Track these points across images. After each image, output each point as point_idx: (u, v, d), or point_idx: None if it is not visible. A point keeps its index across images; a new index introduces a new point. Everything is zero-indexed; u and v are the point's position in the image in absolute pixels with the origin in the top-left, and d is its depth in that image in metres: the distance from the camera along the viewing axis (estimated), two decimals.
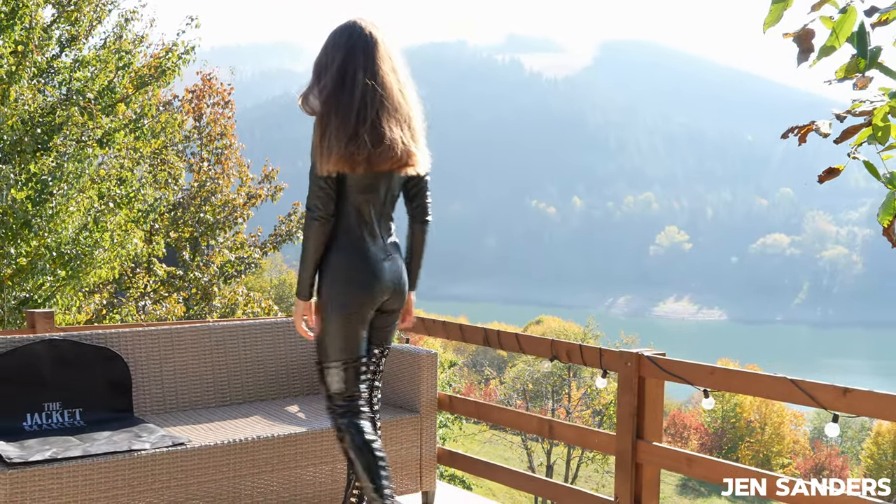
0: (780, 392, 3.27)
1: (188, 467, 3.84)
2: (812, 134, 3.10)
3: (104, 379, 4.19)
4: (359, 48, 3.24)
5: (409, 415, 4.49)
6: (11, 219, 7.53)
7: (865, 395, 3.03)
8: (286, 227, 16.25)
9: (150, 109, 9.53)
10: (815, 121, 3.92)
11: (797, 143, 4.16)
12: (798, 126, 4.06)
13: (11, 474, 3.45)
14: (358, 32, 3.27)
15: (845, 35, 3.48)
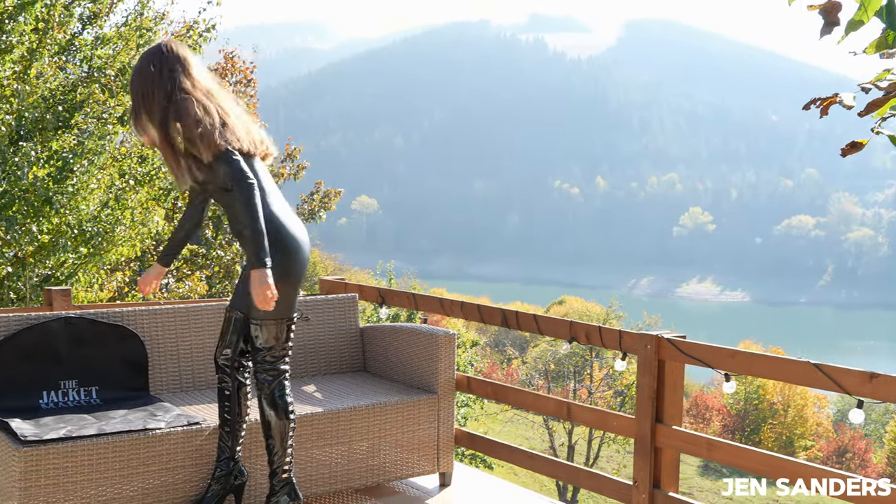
0: (803, 377, 3.20)
1: (203, 447, 3.83)
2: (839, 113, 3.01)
3: (120, 358, 4.18)
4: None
5: (426, 396, 4.46)
6: (33, 196, 7.54)
7: (893, 381, 2.96)
8: (309, 205, 16.24)
9: None
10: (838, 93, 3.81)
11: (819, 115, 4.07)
12: (821, 98, 3.96)
13: (26, 452, 3.45)
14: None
15: (874, 8, 3.38)
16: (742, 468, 3.40)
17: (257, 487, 3.98)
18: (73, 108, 8.18)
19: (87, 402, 4.01)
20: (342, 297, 4.96)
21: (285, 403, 3.65)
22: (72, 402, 3.99)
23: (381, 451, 4.33)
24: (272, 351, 3.65)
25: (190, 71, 3.63)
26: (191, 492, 3.83)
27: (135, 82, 3.61)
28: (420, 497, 4.45)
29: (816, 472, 3.23)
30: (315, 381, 4.67)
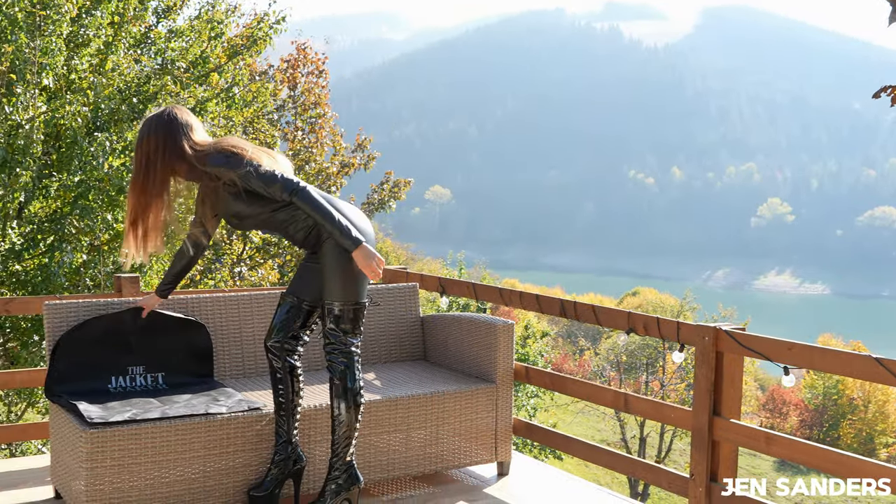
0: (863, 370, 3.13)
1: (263, 431, 3.90)
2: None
3: (187, 347, 4.27)
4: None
5: (484, 385, 4.47)
6: (108, 186, 7.74)
7: None
8: (379, 195, 16.36)
9: (241, 79, 9.67)
10: None
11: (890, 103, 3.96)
12: (891, 86, 3.85)
13: (92, 433, 3.55)
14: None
15: None
16: (799, 462, 3.34)
17: (316, 473, 4.04)
18: (147, 99, 8.37)
19: (153, 387, 4.12)
20: (403, 286, 5.00)
21: (356, 390, 3.72)
22: (139, 387, 4.10)
23: (439, 440, 4.36)
24: (348, 334, 3.71)
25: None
26: (251, 475, 3.91)
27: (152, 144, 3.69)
28: (477, 486, 4.47)
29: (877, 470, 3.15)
30: (375, 369, 4.71)
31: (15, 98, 7.23)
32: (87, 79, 8.15)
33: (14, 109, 7.20)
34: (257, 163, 3.60)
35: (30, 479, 4.48)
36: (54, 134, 8.01)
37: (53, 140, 8.09)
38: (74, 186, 7.79)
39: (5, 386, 5.25)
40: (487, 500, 4.28)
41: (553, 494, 4.41)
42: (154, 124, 3.68)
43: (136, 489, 3.66)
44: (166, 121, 3.68)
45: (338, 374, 3.71)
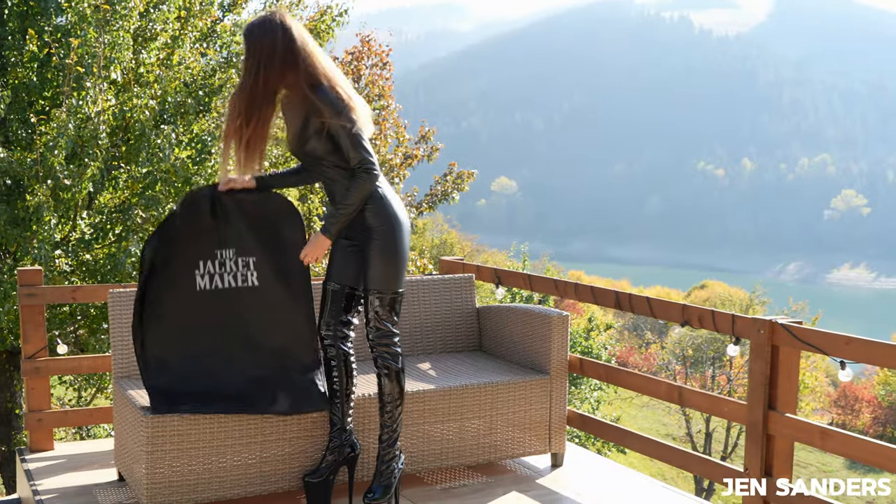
0: None
1: (316, 419, 3.96)
2: None
3: (278, 233, 3.90)
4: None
5: (539, 376, 4.47)
6: (174, 177, 7.90)
7: None
8: (442, 187, 16.39)
9: None
10: None
11: None
12: None
13: (153, 419, 3.65)
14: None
15: None
16: (855, 458, 3.29)
17: (371, 461, 4.09)
18: (212, 92, 8.51)
19: (242, 281, 3.85)
20: (459, 277, 5.02)
21: (403, 380, 3.80)
22: (228, 273, 3.83)
23: (493, 430, 4.38)
24: (389, 324, 3.74)
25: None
26: (306, 461, 3.97)
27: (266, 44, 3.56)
28: (531, 476, 4.48)
29: None
30: (430, 359, 4.75)
31: (84, 91, 7.41)
32: (154, 73, 8.32)
33: (83, 103, 7.39)
34: (356, 122, 3.56)
35: (96, 461, 4.61)
36: (122, 126, 8.20)
37: (122, 132, 8.28)
38: (142, 178, 7.97)
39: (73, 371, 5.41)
40: (540, 490, 4.29)
41: (605, 486, 4.40)
42: (270, 27, 3.57)
43: (195, 473, 3.75)
44: (283, 28, 3.57)
45: (391, 369, 3.77)
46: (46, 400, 4.75)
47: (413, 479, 4.32)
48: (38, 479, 4.35)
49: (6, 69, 8.07)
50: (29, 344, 4.65)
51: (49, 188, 7.23)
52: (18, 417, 9.10)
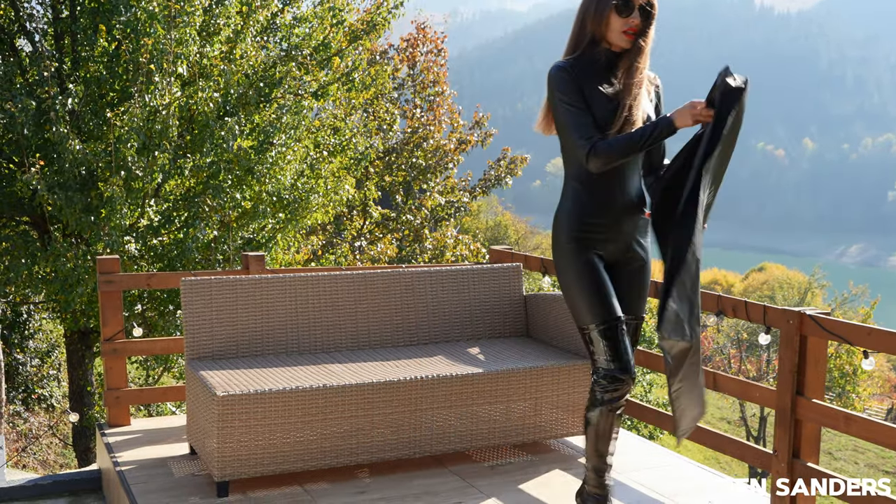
0: None
1: (375, 399, 4.26)
2: None
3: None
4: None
5: (581, 361, 4.72)
6: (237, 166, 8.27)
7: None
8: (495, 171, 16.64)
9: (360, 63, 10.08)
10: None
11: None
12: None
13: (223, 397, 3.98)
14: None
15: None
16: (877, 443, 3.49)
17: None
18: (273, 84, 8.85)
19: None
20: (507, 266, 5.28)
21: (589, 415, 3.49)
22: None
23: (538, 411, 4.64)
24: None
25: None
26: (363, 439, 4.27)
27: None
28: (574, 455, 4.74)
29: None
30: (480, 345, 5.02)
31: (153, 86, 7.79)
32: (217, 66, 8.68)
33: (152, 97, 7.77)
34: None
35: (169, 436, 4.99)
36: (188, 118, 8.58)
37: (187, 123, 8.66)
38: (206, 167, 8.35)
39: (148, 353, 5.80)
40: (581, 469, 4.54)
41: (646, 466, 4.65)
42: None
43: (261, 448, 4.08)
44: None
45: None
46: (124, 379, 5.13)
47: (462, 457, 4.62)
48: (117, 452, 4.73)
49: (79, 64, 8.49)
50: (107, 327, 5.02)
51: (122, 179, 7.63)
52: (90, 395, 9.59)
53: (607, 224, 3.38)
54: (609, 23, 3.26)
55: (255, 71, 8.89)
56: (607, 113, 3.27)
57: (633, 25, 3.25)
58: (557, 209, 3.46)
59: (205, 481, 4.30)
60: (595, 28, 3.30)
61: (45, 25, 9.23)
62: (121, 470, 4.48)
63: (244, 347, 4.68)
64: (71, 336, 9.56)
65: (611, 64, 3.33)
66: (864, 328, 3.52)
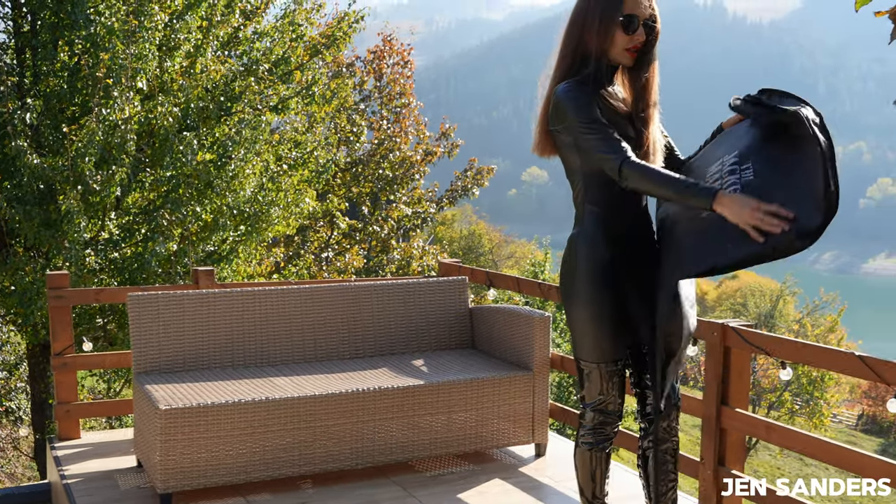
0: (848, 367, 3.39)
1: (317, 411, 4.35)
2: None
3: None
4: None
5: (522, 372, 4.84)
6: (196, 180, 8.35)
7: None
8: (462, 182, 16.77)
9: (320, 77, 10.18)
10: None
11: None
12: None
13: (166, 411, 4.06)
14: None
15: None
16: (794, 451, 3.62)
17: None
18: (234, 98, 8.94)
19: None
20: (452, 279, 5.40)
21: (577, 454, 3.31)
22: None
23: (480, 422, 4.75)
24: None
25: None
26: (306, 451, 4.36)
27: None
28: (514, 465, 4.85)
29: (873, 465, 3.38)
30: (425, 357, 5.13)
31: (111, 101, 7.86)
32: (177, 81, 8.75)
33: (111, 111, 7.83)
34: None
35: (117, 449, 5.06)
36: (148, 132, 8.64)
37: (147, 137, 8.73)
38: (166, 181, 8.42)
39: (98, 367, 5.86)
40: (521, 478, 4.66)
41: None
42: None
43: (204, 460, 4.16)
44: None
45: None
46: (73, 392, 5.20)
47: (405, 467, 4.72)
48: (65, 465, 4.79)
49: (38, 78, 8.54)
50: (57, 342, 5.09)
51: (79, 193, 7.69)
52: (52, 407, 9.62)
53: (637, 246, 3.12)
54: (614, 39, 3.08)
55: (215, 85, 8.97)
56: (626, 131, 3.11)
57: (637, 43, 3.09)
58: (575, 236, 3.17)
59: (149, 493, 4.38)
60: (597, 45, 3.10)
61: (7, 38, 9.27)
62: (67, 483, 4.54)
63: (191, 361, 4.77)
64: (32, 349, 9.59)
65: (611, 80, 3.18)
66: (783, 340, 3.66)
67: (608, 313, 3.06)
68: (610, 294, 3.06)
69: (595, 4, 3.09)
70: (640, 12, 3.07)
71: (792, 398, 30.25)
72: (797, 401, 30.11)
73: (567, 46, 3.19)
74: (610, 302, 3.06)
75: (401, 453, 4.59)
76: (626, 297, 3.07)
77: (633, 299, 3.07)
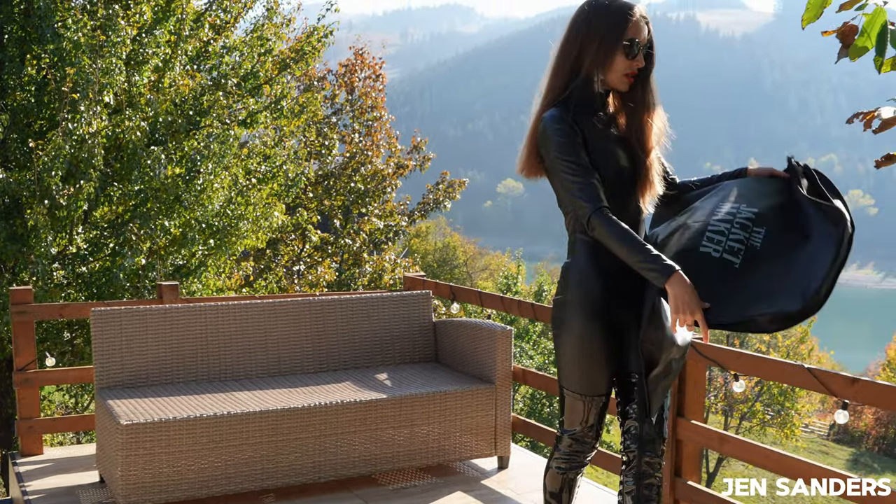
0: (797, 379, 3.46)
1: (279, 426, 4.38)
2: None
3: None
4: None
5: (485, 386, 4.88)
6: (164, 195, 8.35)
7: (870, 386, 3.22)
8: (434, 195, 16.83)
9: (288, 91, 10.21)
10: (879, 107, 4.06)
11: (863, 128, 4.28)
12: (863, 112, 4.20)
13: (127, 426, 4.07)
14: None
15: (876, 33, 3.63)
16: (747, 462, 3.69)
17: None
18: (202, 112, 8.95)
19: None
20: (416, 293, 5.44)
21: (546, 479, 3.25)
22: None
23: (442, 435, 4.79)
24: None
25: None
26: (268, 465, 4.38)
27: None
28: (477, 477, 4.89)
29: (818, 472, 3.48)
30: (389, 370, 5.16)
31: (78, 115, 7.85)
32: (145, 96, 8.75)
33: (78, 125, 7.83)
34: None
35: (79, 465, 5.05)
36: (116, 146, 8.64)
37: (115, 151, 8.72)
38: (134, 195, 8.41)
39: (60, 382, 5.85)
40: (483, 490, 4.70)
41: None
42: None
43: (165, 475, 4.17)
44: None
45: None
46: (36, 408, 5.19)
47: (368, 481, 4.74)
48: (27, 481, 4.78)
49: (5, 92, 8.52)
50: (20, 357, 5.08)
51: (46, 207, 7.67)
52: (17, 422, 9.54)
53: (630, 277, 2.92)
54: (613, 64, 2.96)
55: (184, 99, 8.98)
56: (618, 159, 3.02)
57: (635, 69, 2.99)
58: (568, 266, 3.06)
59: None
60: (594, 67, 2.98)
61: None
62: (29, 499, 4.54)
63: (154, 376, 4.78)
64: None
65: (604, 104, 3.07)
66: (735, 352, 3.73)
67: (598, 346, 2.96)
68: (601, 327, 2.95)
69: (596, 27, 2.96)
70: (642, 38, 2.97)
71: (763, 409, 30.48)
72: (769, 411, 30.34)
73: (561, 66, 3.05)
74: (600, 335, 2.96)
75: (363, 467, 4.62)
76: (617, 329, 2.98)
77: (624, 330, 2.99)
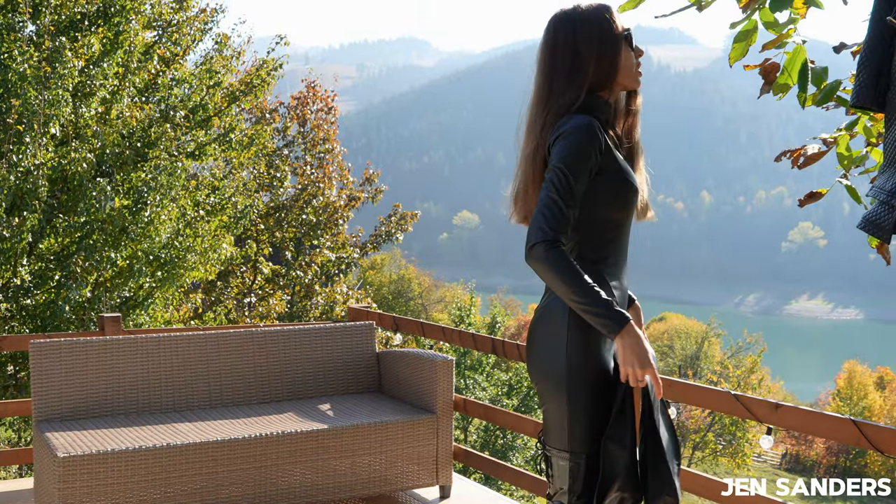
0: (724, 405, 3.56)
1: (219, 457, 4.38)
2: None
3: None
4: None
5: (426, 415, 4.92)
6: (110, 226, 8.32)
7: (793, 411, 3.32)
8: (386, 227, 16.90)
9: (237, 124, 10.26)
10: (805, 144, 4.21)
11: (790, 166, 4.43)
12: (790, 150, 4.34)
13: (64, 458, 4.05)
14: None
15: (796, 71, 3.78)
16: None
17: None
18: (150, 144, 8.95)
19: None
20: (359, 324, 5.48)
21: None
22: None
23: (385, 465, 4.81)
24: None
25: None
26: (209, 497, 4.37)
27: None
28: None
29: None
30: (332, 401, 5.19)
31: (23, 147, 7.82)
32: (92, 127, 8.74)
33: (23, 157, 7.79)
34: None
35: (17, 499, 4.99)
36: (62, 178, 8.60)
37: (61, 183, 8.68)
38: (80, 227, 8.37)
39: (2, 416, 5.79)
40: None
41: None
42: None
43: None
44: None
45: None
46: None
47: None
48: None
49: None
50: None
51: None
52: None
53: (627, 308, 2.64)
54: (620, 60, 2.61)
55: (132, 131, 8.98)
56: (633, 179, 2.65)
57: (640, 60, 2.68)
58: (551, 300, 2.61)
59: None
60: (603, 72, 2.60)
61: None
62: None
63: (94, 409, 4.75)
64: None
65: (616, 118, 2.73)
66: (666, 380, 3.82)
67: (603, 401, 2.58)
68: (610, 381, 2.58)
69: (587, 29, 2.59)
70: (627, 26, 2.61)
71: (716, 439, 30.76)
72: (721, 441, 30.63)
73: (560, 86, 2.61)
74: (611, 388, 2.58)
75: (305, 497, 4.62)
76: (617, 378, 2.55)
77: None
